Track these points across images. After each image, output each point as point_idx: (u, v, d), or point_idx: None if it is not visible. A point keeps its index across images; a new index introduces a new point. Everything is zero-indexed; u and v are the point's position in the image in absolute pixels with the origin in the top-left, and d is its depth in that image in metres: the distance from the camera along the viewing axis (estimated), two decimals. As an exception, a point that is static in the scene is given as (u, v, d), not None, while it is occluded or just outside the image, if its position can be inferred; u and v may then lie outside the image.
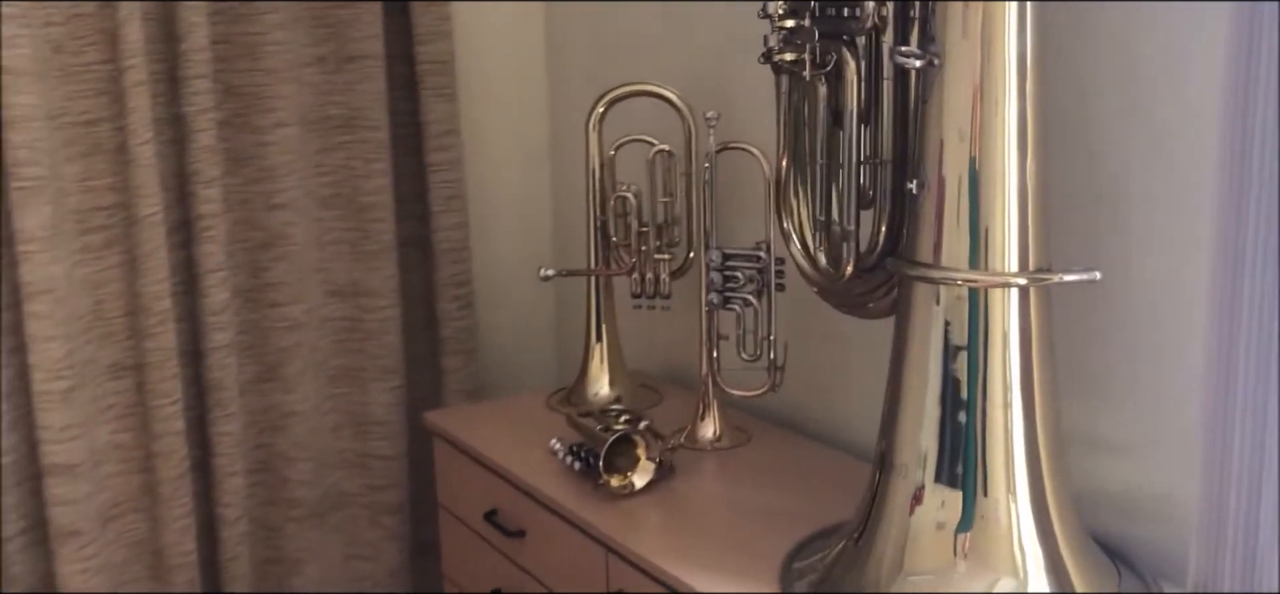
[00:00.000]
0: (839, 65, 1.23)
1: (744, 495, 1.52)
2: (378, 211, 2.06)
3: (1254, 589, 1.06)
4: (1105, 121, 1.27)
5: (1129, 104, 1.24)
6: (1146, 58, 1.22)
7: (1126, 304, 1.27)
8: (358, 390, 2.11)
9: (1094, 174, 1.28)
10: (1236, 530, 1.06)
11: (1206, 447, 1.08)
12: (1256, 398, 1.04)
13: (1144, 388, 1.26)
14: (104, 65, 1.84)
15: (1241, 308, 1.03)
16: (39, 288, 1.80)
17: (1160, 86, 1.21)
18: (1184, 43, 1.17)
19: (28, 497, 1.88)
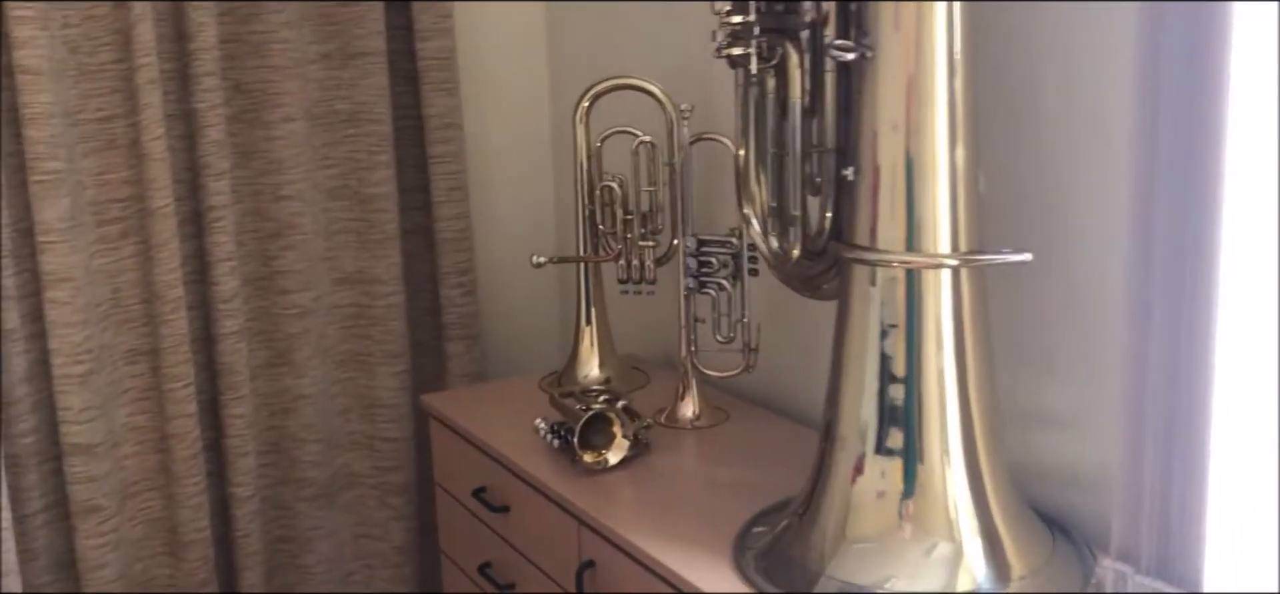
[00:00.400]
0: (784, 59, 1.28)
1: (716, 471, 1.58)
2: (382, 202, 2.15)
3: (1169, 553, 1.11)
4: (1045, 109, 1.31)
5: (1067, 92, 1.29)
6: (1083, 45, 1.26)
7: (1067, 284, 1.32)
8: (365, 375, 2.19)
9: (1036, 160, 1.33)
10: (1152, 498, 1.11)
11: (1125, 418, 1.13)
12: (1168, 369, 1.08)
13: (1083, 364, 1.31)
14: (118, 64, 1.94)
15: (1152, 287, 1.08)
16: (59, 276, 1.90)
17: (1097, 74, 1.25)
18: (1119, 34, 1.22)
19: (49, 475, 1.99)
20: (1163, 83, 1.05)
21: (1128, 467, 1.13)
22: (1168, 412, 1.09)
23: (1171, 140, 1.05)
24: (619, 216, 1.83)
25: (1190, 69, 1.03)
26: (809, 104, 1.29)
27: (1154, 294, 1.08)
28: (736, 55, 1.27)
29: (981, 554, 1.21)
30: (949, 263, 1.20)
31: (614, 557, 1.43)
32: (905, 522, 1.23)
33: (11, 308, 1.92)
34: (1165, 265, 1.07)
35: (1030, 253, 1.20)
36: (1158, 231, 1.07)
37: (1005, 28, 1.33)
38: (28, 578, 1.97)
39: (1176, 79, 1.04)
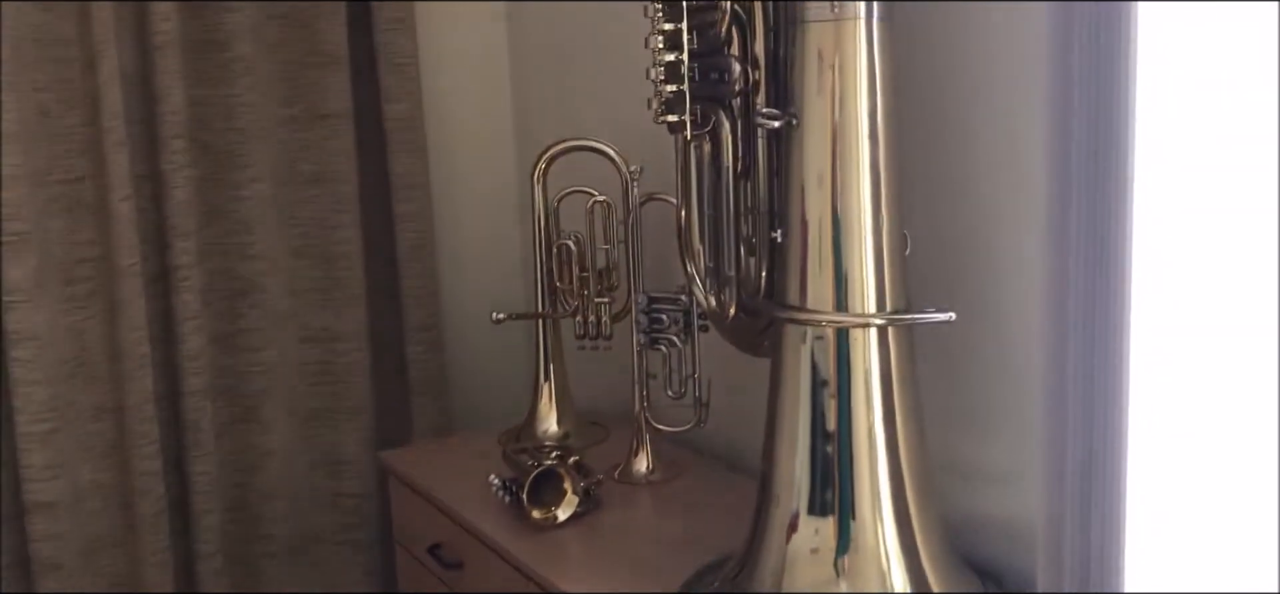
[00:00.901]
0: (717, 126, 1.32)
1: (665, 527, 1.60)
2: (347, 261, 2.18)
3: (1088, 607, 1.13)
4: (971, 171, 1.35)
5: (991, 154, 1.32)
6: (1005, 106, 1.30)
7: (997, 342, 1.34)
8: (330, 430, 2.21)
9: (965, 221, 1.36)
10: (1072, 549, 1.13)
11: (1044, 472, 1.15)
12: (1083, 422, 1.11)
13: (1014, 420, 1.34)
14: (86, 127, 1.97)
15: (1067, 343, 1.11)
16: (24, 335, 1.93)
17: (1017, 135, 1.29)
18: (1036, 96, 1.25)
19: (13, 532, 2.00)
20: (1073, 150, 1.08)
21: (1048, 519, 1.15)
22: (1085, 465, 1.11)
23: (1081, 202, 1.08)
24: (576, 274, 1.86)
25: (1095, 135, 1.06)
26: (742, 168, 1.32)
27: (1069, 350, 1.11)
28: (672, 121, 1.31)
29: (911, 609, 1.23)
30: (876, 322, 1.23)
31: (559, 612, 1.44)
32: (840, 578, 1.25)
33: (-23, 367, 1.94)
34: (1078, 323, 1.10)
35: (953, 313, 1.23)
36: (1070, 291, 1.09)
37: (931, 91, 1.36)
38: (-10, 636, 1.98)
39: (1084, 148, 1.07)
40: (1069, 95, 1.07)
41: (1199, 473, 1.10)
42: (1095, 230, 1.07)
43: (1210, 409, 1.09)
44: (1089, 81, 1.06)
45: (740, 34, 1.29)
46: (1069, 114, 1.07)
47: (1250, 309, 1.05)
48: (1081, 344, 1.10)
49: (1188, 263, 1.06)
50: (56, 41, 1.94)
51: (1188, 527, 1.10)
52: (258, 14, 2.09)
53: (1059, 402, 1.12)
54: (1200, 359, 1.09)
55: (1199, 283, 1.07)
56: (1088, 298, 1.09)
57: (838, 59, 1.20)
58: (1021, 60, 1.26)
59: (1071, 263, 1.09)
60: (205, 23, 2.06)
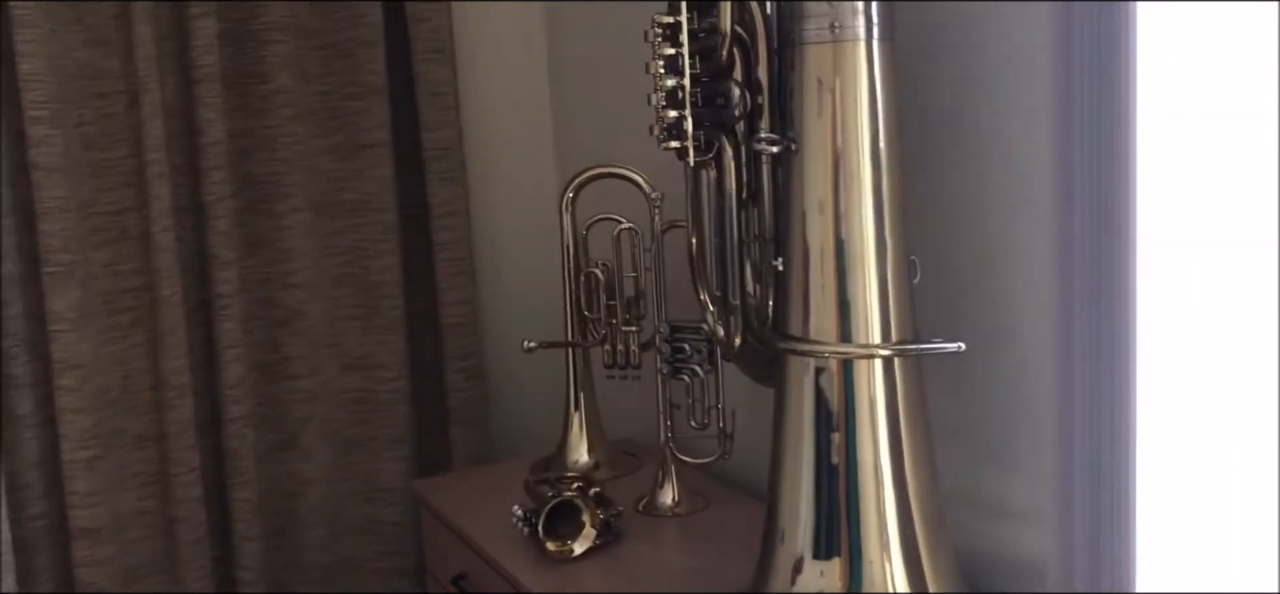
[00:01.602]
0: (720, 152, 1.29)
1: (683, 562, 1.57)
2: (387, 289, 2.19)
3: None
4: (982, 198, 1.30)
5: (1003, 167, 1.27)
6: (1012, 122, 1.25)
7: (1014, 374, 1.29)
8: (370, 459, 2.22)
9: (974, 241, 1.31)
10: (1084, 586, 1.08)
11: (1055, 507, 1.10)
12: (1091, 458, 1.06)
13: (1031, 454, 1.28)
14: (129, 160, 2.01)
15: (1074, 377, 1.06)
16: (68, 364, 1.97)
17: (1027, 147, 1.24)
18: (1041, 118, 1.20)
19: (59, 559, 2.04)
20: (1076, 170, 1.03)
21: (1061, 557, 1.10)
22: (1093, 501, 1.06)
23: (1086, 224, 1.03)
24: (603, 302, 1.84)
25: (1098, 155, 1.01)
26: (747, 194, 1.29)
27: (1076, 384, 1.06)
28: (673, 147, 1.28)
29: (921, 649, 1.19)
30: (881, 353, 1.19)
31: (569, 647, 1.42)
32: (848, 616, 1.21)
33: (24, 394, 1.99)
34: (1085, 353, 1.05)
35: (963, 343, 1.18)
36: (1075, 319, 1.05)
37: (936, 113, 1.32)
38: (35, 659, 2.02)
39: (1087, 168, 1.02)
40: (1071, 115, 1.03)
41: (1210, 501, 1.05)
42: (1099, 255, 1.03)
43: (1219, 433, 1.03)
44: (1091, 100, 1.02)
45: (743, 57, 1.26)
46: (1071, 135, 1.03)
47: (1256, 324, 0.99)
48: (1088, 376, 1.05)
49: (1192, 287, 1.01)
50: (100, 76, 1.98)
51: (1200, 558, 1.05)
52: (298, 46, 2.11)
53: (1067, 434, 1.08)
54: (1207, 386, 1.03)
55: (1204, 305, 1.01)
56: (1093, 326, 1.04)
57: (838, 82, 1.17)
58: (1025, 80, 1.21)
59: (1077, 289, 1.05)
60: (246, 56, 2.09)
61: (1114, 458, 1.04)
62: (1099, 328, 1.03)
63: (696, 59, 1.28)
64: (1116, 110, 0.99)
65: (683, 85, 1.26)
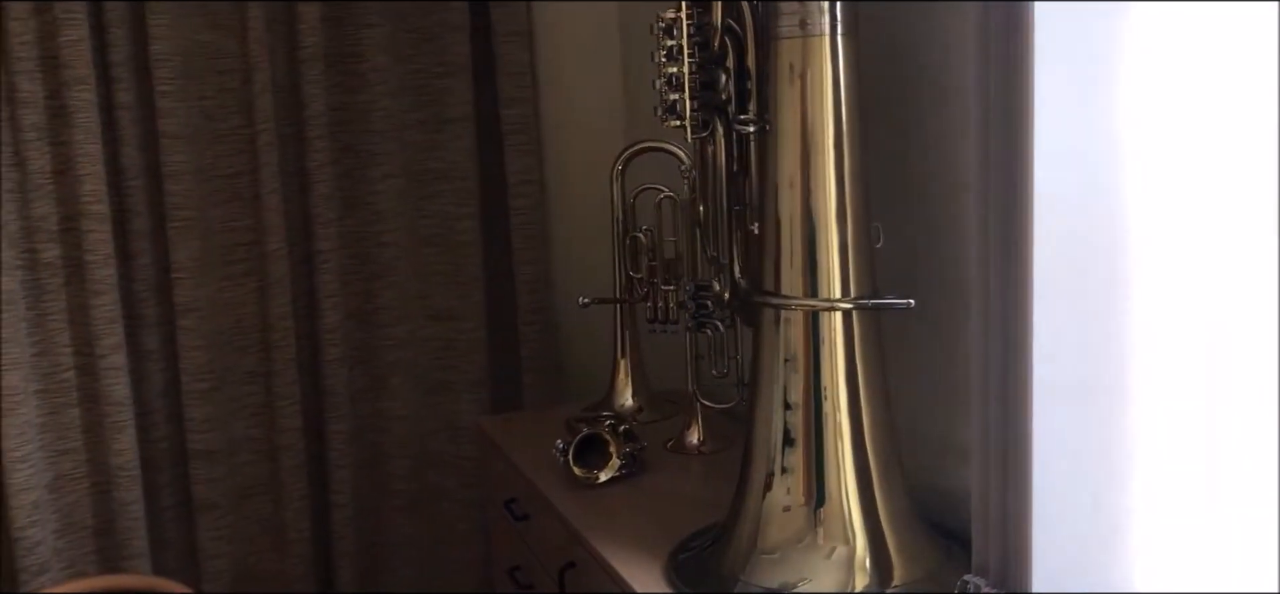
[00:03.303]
0: (713, 129, 1.48)
1: (702, 492, 1.77)
2: (469, 249, 2.43)
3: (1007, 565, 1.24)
4: (932, 165, 1.46)
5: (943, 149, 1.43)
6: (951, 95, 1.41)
7: (959, 322, 1.46)
8: (451, 400, 2.47)
9: (926, 212, 1.48)
10: (995, 517, 1.25)
11: (975, 447, 1.27)
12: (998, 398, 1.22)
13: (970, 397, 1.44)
14: (243, 129, 2.29)
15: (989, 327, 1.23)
16: (188, 307, 2.27)
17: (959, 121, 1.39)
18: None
19: (179, 476, 2.35)
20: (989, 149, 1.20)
21: (979, 490, 1.27)
22: (1002, 438, 1.23)
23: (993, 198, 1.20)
24: (646, 263, 2.05)
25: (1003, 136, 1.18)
26: (736, 168, 1.48)
27: (990, 331, 1.23)
28: (673, 125, 1.48)
29: (870, 559, 1.37)
30: (841, 306, 1.37)
31: (587, 561, 1.64)
32: (809, 530, 1.39)
33: (152, 332, 2.29)
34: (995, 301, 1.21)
35: (912, 300, 1.36)
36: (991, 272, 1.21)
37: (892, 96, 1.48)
38: (157, 563, 2.33)
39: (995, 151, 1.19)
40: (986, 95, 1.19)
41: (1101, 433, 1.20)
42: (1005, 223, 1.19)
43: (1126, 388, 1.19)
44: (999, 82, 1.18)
45: (734, 47, 1.45)
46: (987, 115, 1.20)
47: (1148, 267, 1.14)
48: (996, 328, 1.22)
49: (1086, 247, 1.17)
50: (219, 56, 2.27)
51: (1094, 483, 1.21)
52: (391, 29, 2.36)
53: (982, 383, 1.24)
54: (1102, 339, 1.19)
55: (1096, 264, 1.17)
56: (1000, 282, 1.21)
57: (807, 71, 1.35)
58: (958, 69, 1.38)
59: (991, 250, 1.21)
60: (345, 37, 2.35)
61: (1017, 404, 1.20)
62: (1005, 292, 1.19)
63: (696, 49, 1.47)
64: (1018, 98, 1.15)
65: (681, 71, 1.46)
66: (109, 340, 2.21)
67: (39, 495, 2.22)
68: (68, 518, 2.27)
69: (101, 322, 2.20)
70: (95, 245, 2.18)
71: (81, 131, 2.15)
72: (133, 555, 2.26)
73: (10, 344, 2.17)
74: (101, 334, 2.20)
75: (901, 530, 1.39)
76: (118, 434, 2.23)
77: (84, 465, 2.27)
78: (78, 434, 2.26)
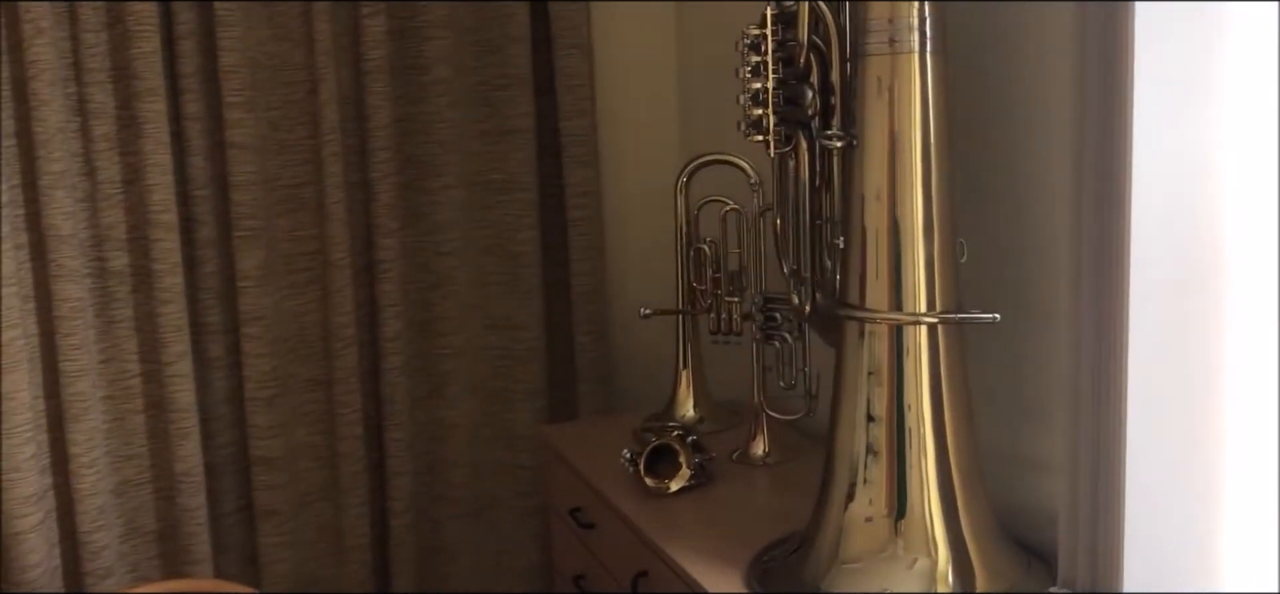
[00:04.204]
0: (796, 144, 1.50)
1: (767, 502, 1.79)
2: (527, 259, 2.45)
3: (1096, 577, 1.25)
4: (1021, 187, 1.48)
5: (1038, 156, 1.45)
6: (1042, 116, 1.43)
7: (1044, 338, 1.47)
8: (507, 409, 2.50)
9: (1014, 228, 1.49)
10: (1086, 530, 1.26)
11: (1065, 460, 1.28)
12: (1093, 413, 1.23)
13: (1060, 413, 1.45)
14: (308, 141, 2.32)
15: (1082, 343, 1.24)
16: (252, 315, 2.30)
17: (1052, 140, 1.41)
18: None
19: (241, 482, 2.38)
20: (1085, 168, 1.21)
21: (1067, 504, 1.28)
22: (1094, 453, 1.24)
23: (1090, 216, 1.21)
24: (710, 275, 2.06)
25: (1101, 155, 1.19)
26: (819, 182, 1.50)
27: (1082, 347, 1.24)
28: (757, 140, 1.50)
29: (953, 571, 1.38)
30: (927, 320, 1.38)
31: (660, 569, 1.65)
32: (890, 540, 1.41)
33: (216, 340, 2.32)
34: (1089, 319, 1.23)
35: (997, 314, 1.37)
36: (1083, 290, 1.23)
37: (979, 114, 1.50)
38: (218, 568, 2.36)
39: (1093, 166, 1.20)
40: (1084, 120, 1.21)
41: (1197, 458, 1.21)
42: (1102, 242, 1.21)
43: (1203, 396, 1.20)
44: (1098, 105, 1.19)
45: (819, 63, 1.46)
46: (1083, 139, 1.21)
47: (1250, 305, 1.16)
48: (1090, 344, 1.23)
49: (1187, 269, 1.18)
50: (285, 67, 2.30)
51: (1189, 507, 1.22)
52: (454, 41, 2.39)
53: (1074, 399, 1.25)
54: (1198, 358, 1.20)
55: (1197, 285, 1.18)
56: (1094, 300, 1.22)
57: (894, 88, 1.36)
58: (1050, 91, 1.39)
59: (1084, 269, 1.22)
60: (409, 50, 2.38)
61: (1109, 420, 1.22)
62: (1099, 306, 1.21)
63: (780, 64, 1.49)
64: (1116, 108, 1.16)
65: (766, 87, 1.48)
66: (176, 347, 2.24)
67: (104, 500, 2.25)
68: (131, 522, 2.30)
69: (168, 329, 2.23)
70: (163, 254, 2.22)
71: (151, 142, 2.19)
72: (195, 560, 2.29)
73: (79, 351, 2.20)
74: (168, 341, 2.23)
75: (984, 544, 1.40)
76: (182, 440, 2.26)
77: (148, 471, 2.30)
78: (143, 440, 2.29)
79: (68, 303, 2.18)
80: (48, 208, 2.15)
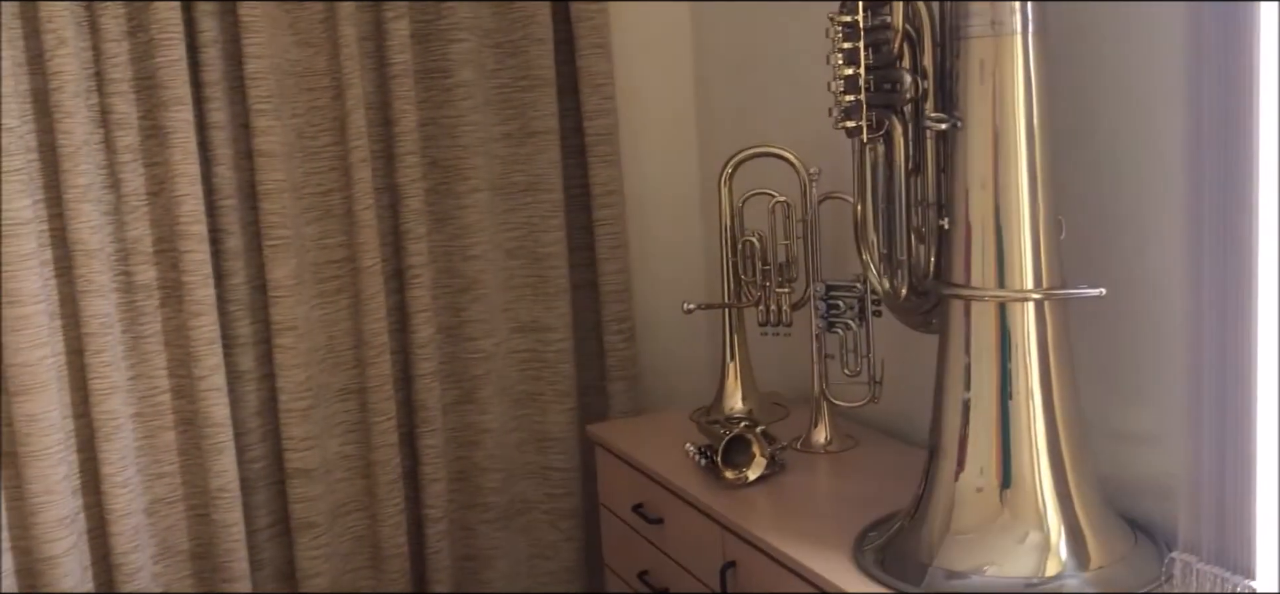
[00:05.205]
0: (890, 130, 1.52)
1: (843, 488, 1.81)
2: (554, 260, 2.45)
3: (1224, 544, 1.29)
4: (1119, 161, 1.52)
5: (1137, 143, 1.49)
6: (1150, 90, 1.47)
7: (1148, 316, 1.51)
8: (538, 411, 2.49)
9: (1114, 206, 1.53)
10: (1210, 498, 1.30)
11: (1186, 431, 1.32)
12: (1218, 385, 1.27)
13: (1159, 386, 1.50)
14: (335, 146, 2.29)
15: (1203, 313, 1.27)
16: (285, 325, 2.26)
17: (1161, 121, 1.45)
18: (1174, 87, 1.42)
19: (275, 496, 2.33)
20: (1204, 142, 1.25)
21: (1190, 472, 1.32)
22: (1220, 423, 1.28)
23: (1213, 188, 1.25)
24: (758, 267, 2.08)
25: (1224, 128, 1.23)
26: (913, 166, 1.52)
27: (1205, 320, 1.27)
28: (850, 127, 1.52)
29: (1066, 544, 1.41)
30: (1033, 296, 1.41)
31: (753, 557, 1.66)
32: (1001, 510, 1.43)
33: (247, 352, 2.28)
34: (1212, 291, 1.26)
35: (1103, 289, 1.40)
36: (1205, 268, 1.26)
37: (1081, 93, 1.54)
38: (256, 584, 2.31)
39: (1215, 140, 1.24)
40: (1201, 93, 1.24)
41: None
42: (1226, 214, 1.24)
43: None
44: (1218, 79, 1.23)
45: (910, 49, 1.49)
46: (1201, 110, 1.25)
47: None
48: (1215, 317, 1.27)
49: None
50: (311, 74, 2.27)
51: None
52: (477, 43, 2.38)
53: (1196, 369, 1.29)
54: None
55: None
56: (1220, 274, 1.25)
57: (997, 70, 1.39)
58: (1160, 63, 1.43)
59: (1205, 242, 1.26)
60: (434, 53, 2.36)
61: (1237, 389, 1.25)
62: (1226, 279, 1.24)
63: (869, 51, 1.51)
64: (1243, 84, 1.20)
65: (859, 73, 1.50)
66: (209, 361, 2.19)
67: (137, 520, 2.20)
68: (164, 542, 2.25)
69: (201, 343, 2.19)
70: (194, 266, 2.17)
71: (179, 151, 2.14)
72: (233, 578, 2.24)
73: (109, 368, 2.15)
74: (200, 355, 2.19)
75: (1094, 515, 1.43)
76: (217, 455, 2.21)
77: (179, 488, 2.25)
78: (173, 457, 2.24)
79: (97, 319, 2.13)
80: (74, 222, 2.10)
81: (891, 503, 1.68)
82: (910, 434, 2.00)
